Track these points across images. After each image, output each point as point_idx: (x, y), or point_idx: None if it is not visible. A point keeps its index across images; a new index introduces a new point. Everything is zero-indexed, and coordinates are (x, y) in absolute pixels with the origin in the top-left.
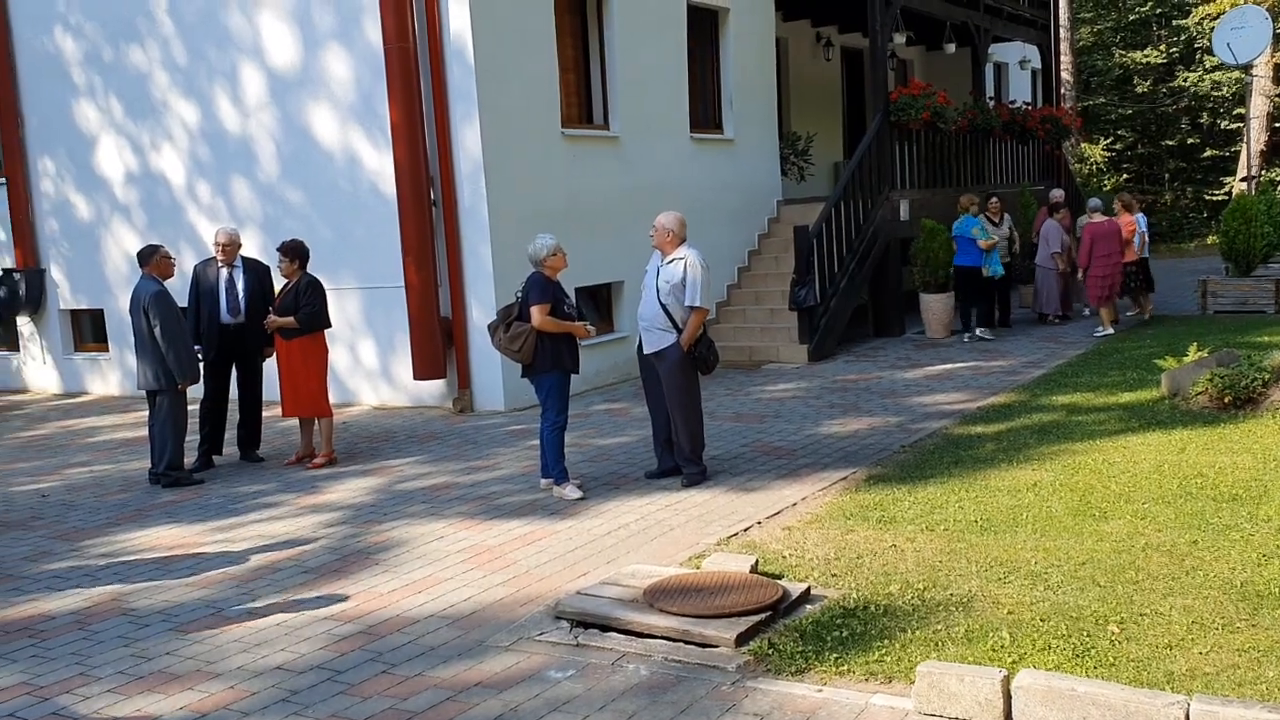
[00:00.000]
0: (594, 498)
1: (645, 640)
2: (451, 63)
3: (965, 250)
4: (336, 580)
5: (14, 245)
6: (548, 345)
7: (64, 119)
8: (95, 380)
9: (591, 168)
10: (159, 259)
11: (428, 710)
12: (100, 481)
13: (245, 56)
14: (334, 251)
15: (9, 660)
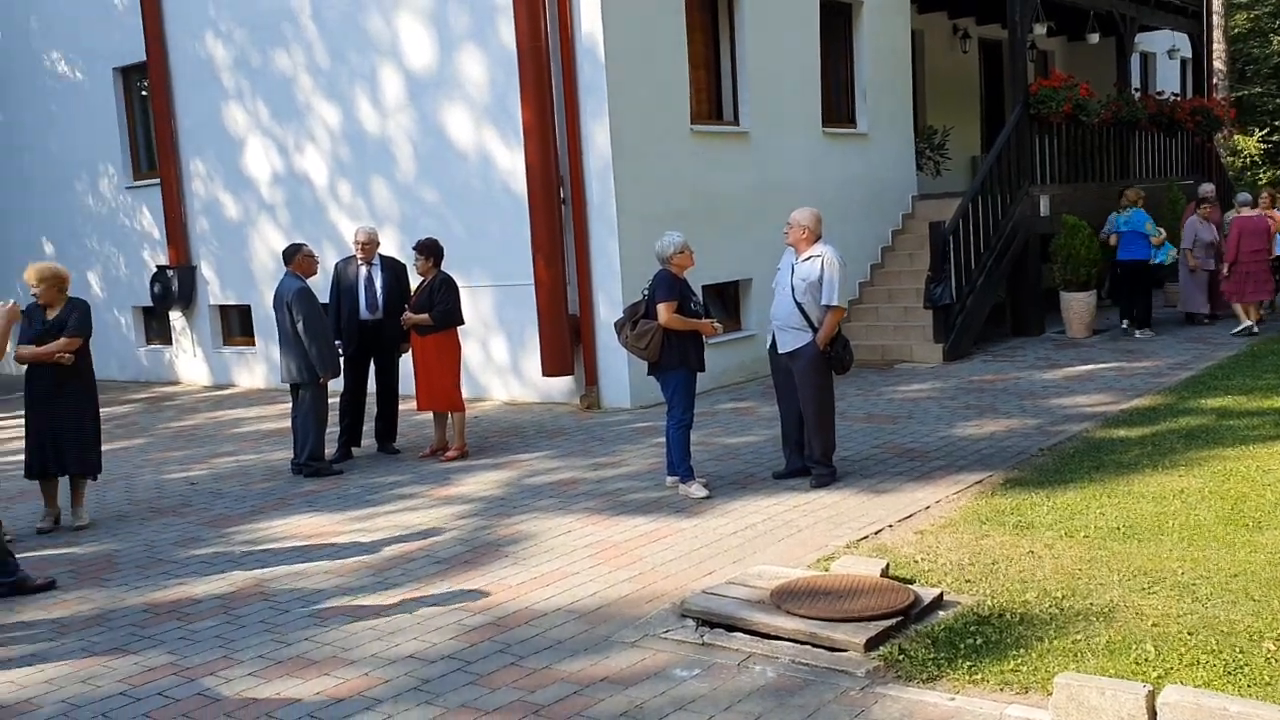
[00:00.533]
0: (720, 497)
1: (772, 642)
2: (583, 61)
3: (1133, 244)
4: (467, 571)
5: (167, 243)
6: (674, 343)
7: (214, 122)
8: (242, 373)
9: (721, 164)
10: (302, 257)
11: (555, 703)
12: (245, 471)
13: (384, 59)
14: (467, 249)
15: (157, 642)
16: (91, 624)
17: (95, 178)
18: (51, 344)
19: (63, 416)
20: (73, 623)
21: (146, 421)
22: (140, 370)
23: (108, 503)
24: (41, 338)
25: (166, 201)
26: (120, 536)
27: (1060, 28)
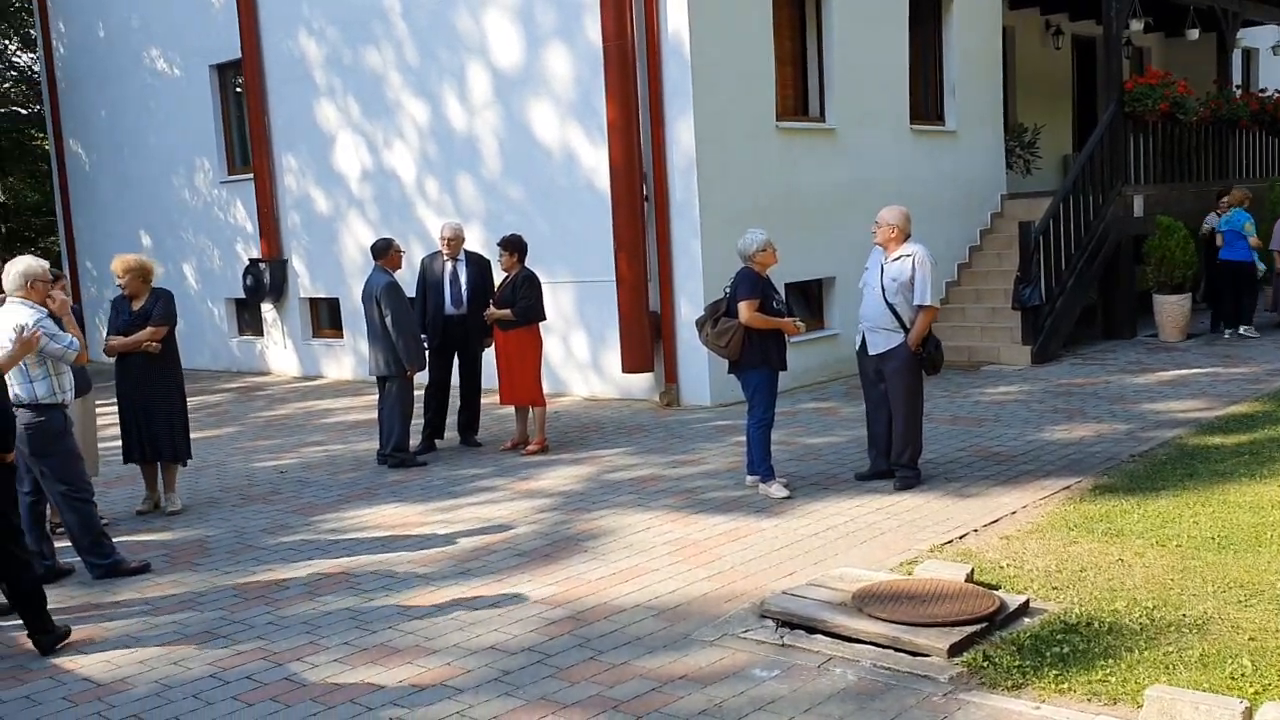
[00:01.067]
0: (801, 497)
1: (853, 645)
2: (668, 59)
3: (1234, 245)
4: (547, 565)
5: (260, 237)
6: (755, 341)
7: (306, 118)
8: (330, 364)
9: (806, 160)
10: (392, 253)
11: (633, 699)
12: (333, 460)
13: (472, 56)
14: (550, 246)
15: (246, 626)
16: (183, 607)
17: (191, 172)
18: (138, 334)
19: (152, 404)
20: (165, 605)
21: (238, 411)
22: (232, 360)
23: (200, 489)
24: (128, 328)
25: (259, 196)
26: (212, 522)
27: (1158, 23)
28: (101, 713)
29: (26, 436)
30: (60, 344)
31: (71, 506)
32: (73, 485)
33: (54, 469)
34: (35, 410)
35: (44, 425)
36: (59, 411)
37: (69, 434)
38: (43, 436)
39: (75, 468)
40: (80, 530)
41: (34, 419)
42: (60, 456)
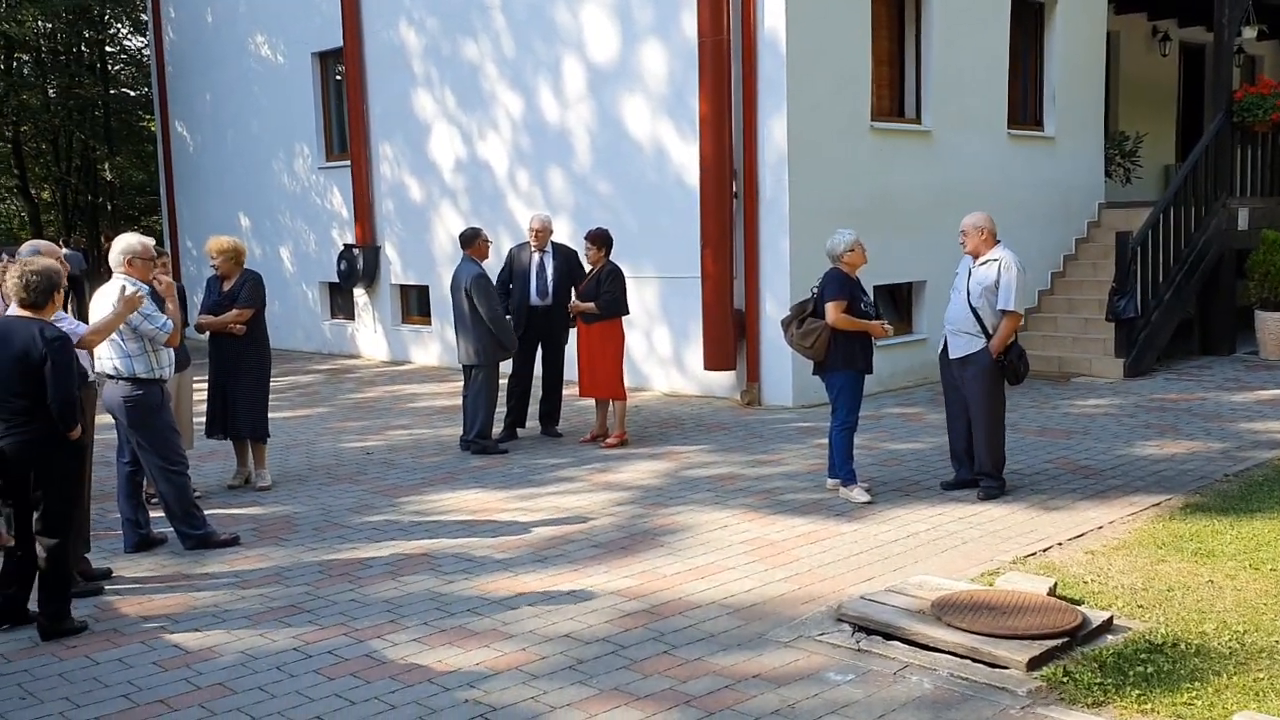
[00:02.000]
0: (882, 502)
1: (930, 653)
2: (764, 55)
3: None
4: (623, 558)
5: (355, 223)
6: (841, 343)
7: (403, 107)
8: (418, 350)
9: (899, 162)
10: (479, 242)
11: (706, 695)
12: (418, 444)
13: (568, 50)
14: (637, 240)
15: (330, 602)
16: (270, 580)
17: (291, 158)
18: (225, 315)
19: (237, 382)
20: (253, 578)
21: (328, 392)
22: (324, 342)
23: (289, 466)
24: (217, 308)
25: (356, 183)
26: (299, 499)
27: (1272, 31)
28: (189, 679)
29: (125, 409)
30: (154, 325)
31: (166, 478)
32: (168, 458)
33: (150, 442)
34: (134, 384)
35: (141, 399)
36: (156, 387)
37: (165, 408)
38: (140, 410)
39: (171, 441)
40: (174, 501)
41: (132, 393)
42: (156, 430)
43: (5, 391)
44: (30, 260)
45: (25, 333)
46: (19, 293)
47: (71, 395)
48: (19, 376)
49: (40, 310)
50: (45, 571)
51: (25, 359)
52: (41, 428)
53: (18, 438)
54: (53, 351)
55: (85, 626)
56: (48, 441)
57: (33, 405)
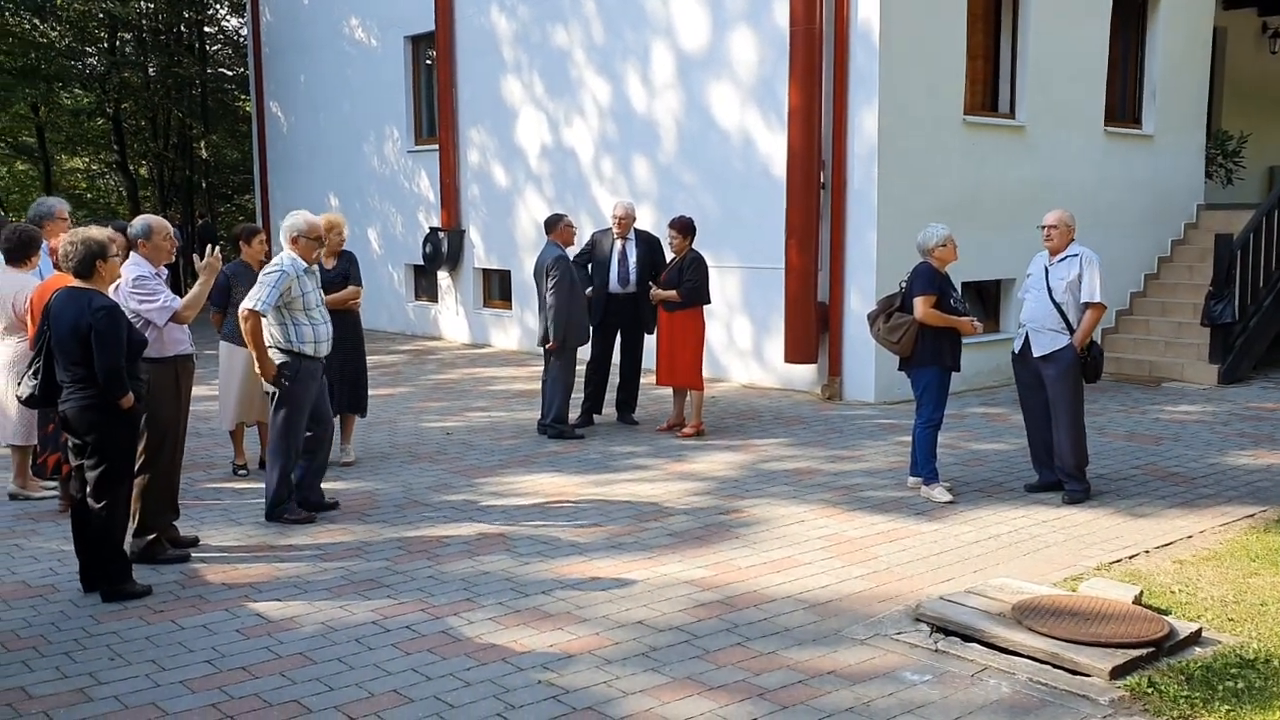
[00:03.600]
0: (963, 503)
1: (1009, 657)
2: (856, 46)
3: None
4: (698, 548)
5: (441, 206)
6: (929, 339)
7: (491, 92)
8: (498, 334)
9: (991, 157)
10: (563, 227)
11: (779, 689)
12: (496, 426)
13: (657, 37)
14: (720, 230)
15: (409, 578)
16: (351, 554)
17: (381, 141)
18: (342, 293)
19: (342, 359)
20: (334, 551)
21: (410, 372)
22: (407, 324)
23: (372, 444)
24: (326, 286)
25: (443, 167)
26: (381, 476)
27: None
28: (270, 648)
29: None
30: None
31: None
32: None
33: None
34: (283, 355)
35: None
36: (294, 359)
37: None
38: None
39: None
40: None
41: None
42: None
43: (65, 359)
44: (74, 231)
45: (77, 303)
46: (64, 263)
47: (116, 364)
48: (74, 345)
49: (88, 280)
50: (95, 536)
51: (76, 328)
52: (96, 395)
53: (76, 403)
54: (96, 321)
55: (149, 590)
56: (101, 409)
57: (88, 373)
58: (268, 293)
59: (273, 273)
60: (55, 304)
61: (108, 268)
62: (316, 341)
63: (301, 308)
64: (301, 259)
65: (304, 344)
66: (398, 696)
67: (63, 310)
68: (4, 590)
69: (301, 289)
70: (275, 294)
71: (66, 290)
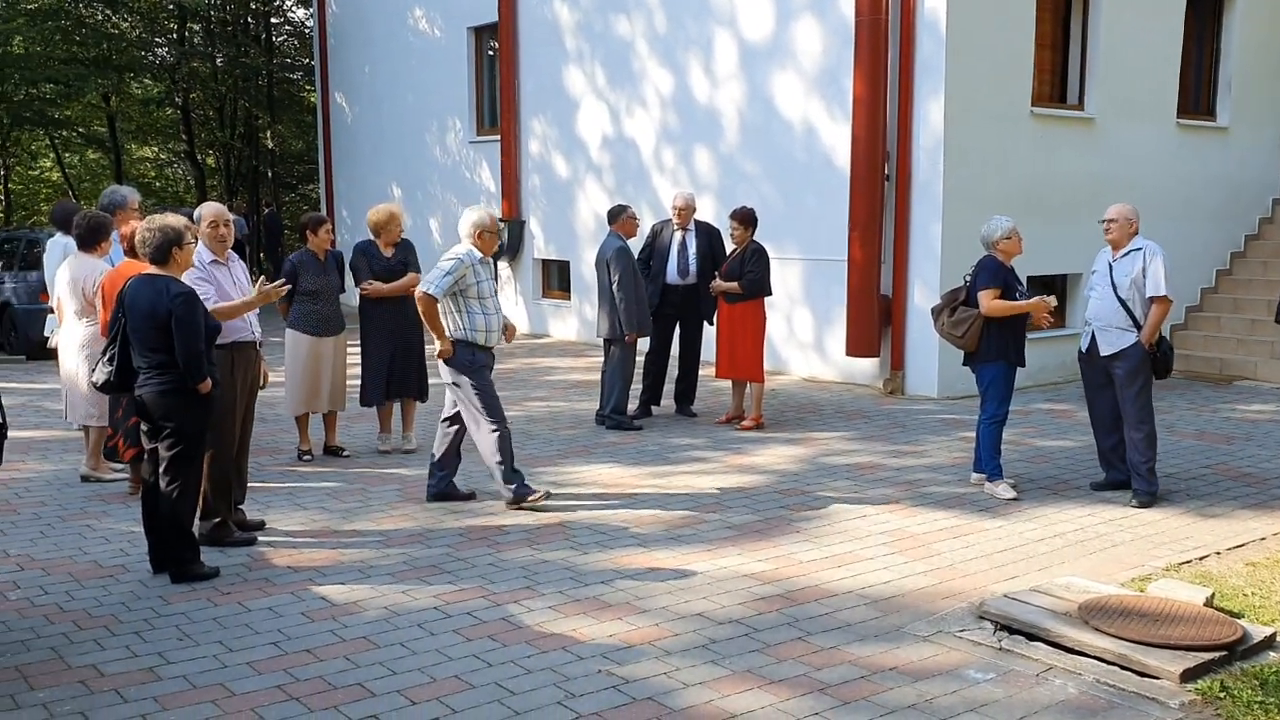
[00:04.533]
0: (1028, 500)
1: (1075, 657)
2: (922, 36)
3: None
4: (758, 541)
5: (502, 197)
6: (994, 334)
7: (554, 83)
8: (557, 324)
9: (1059, 150)
10: (625, 218)
11: (840, 685)
12: (554, 416)
13: (720, 27)
14: (782, 221)
15: (470, 565)
16: (413, 540)
17: (443, 131)
18: (402, 281)
19: (401, 347)
20: (397, 537)
21: None
22: None
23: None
24: (386, 274)
25: (504, 157)
26: None
27: None
28: (335, 631)
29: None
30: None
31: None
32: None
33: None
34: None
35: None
36: (471, 349)
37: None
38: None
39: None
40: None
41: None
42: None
43: (142, 345)
44: (151, 218)
45: (153, 290)
46: (140, 249)
47: (196, 350)
48: (150, 331)
49: (163, 266)
50: (166, 517)
51: (153, 315)
52: (172, 380)
53: (153, 388)
54: (175, 307)
55: (216, 572)
56: (178, 394)
57: (165, 359)
58: (442, 278)
59: (450, 260)
60: (130, 290)
61: (183, 254)
62: (488, 331)
63: (475, 295)
64: (479, 251)
65: (475, 332)
66: (459, 682)
67: (138, 296)
68: (76, 570)
69: (475, 278)
70: (450, 280)
71: (142, 277)
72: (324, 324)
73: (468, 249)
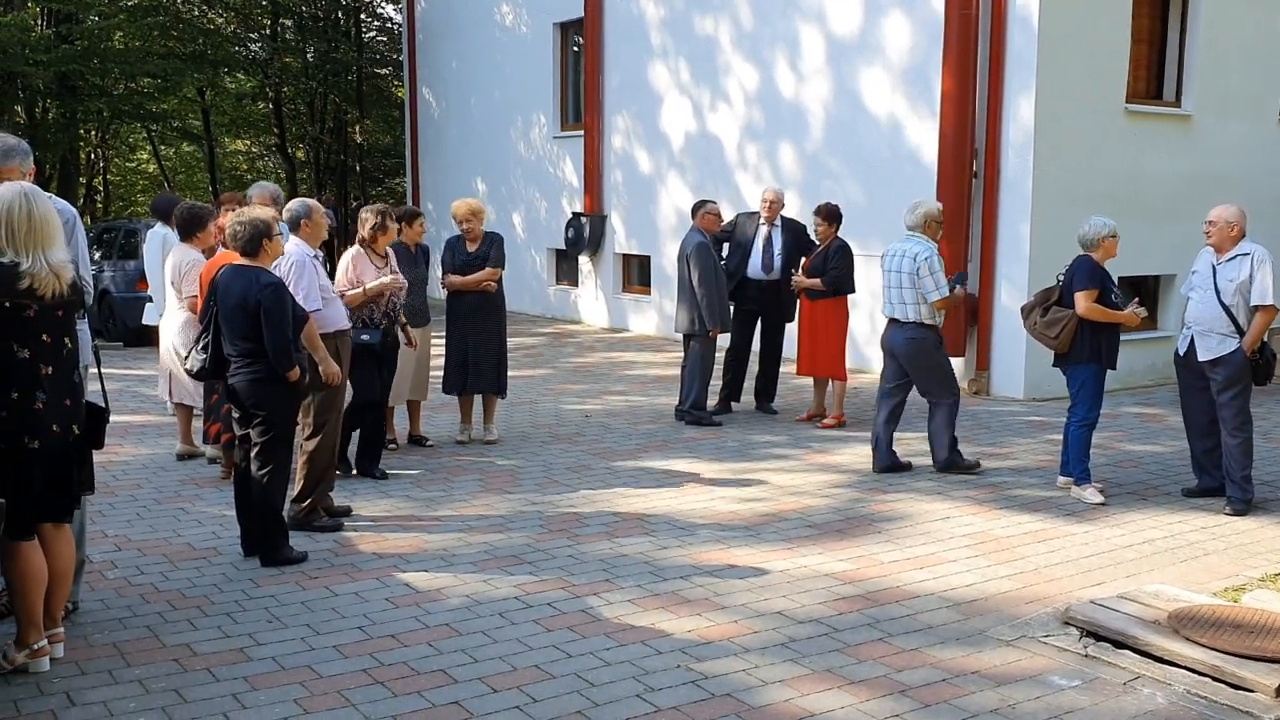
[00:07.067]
0: (1116, 505)
1: (1164, 667)
2: (1013, 30)
3: None
4: (839, 541)
5: (584, 192)
6: (1087, 335)
7: (638, 79)
8: (636, 319)
9: (1154, 147)
10: (706, 213)
11: (922, 687)
12: (633, 410)
13: (807, 22)
14: (866, 218)
15: (549, 556)
16: (494, 529)
17: (528, 126)
18: (478, 274)
19: (481, 340)
20: (479, 526)
21: (550, 354)
22: (548, 307)
23: (514, 423)
24: (466, 268)
25: (587, 153)
26: (522, 454)
27: None
28: (418, 617)
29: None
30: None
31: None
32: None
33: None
34: (917, 328)
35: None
36: (933, 332)
37: (941, 350)
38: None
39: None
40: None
41: (912, 335)
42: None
43: (233, 334)
44: (241, 211)
45: (244, 279)
46: (230, 242)
47: (284, 339)
48: (241, 321)
49: (253, 258)
50: (257, 502)
51: (244, 305)
52: (263, 369)
53: (244, 377)
54: (264, 297)
55: (304, 557)
56: (268, 382)
57: (255, 347)
58: (939, 279)
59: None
60: (221, 280)
61: (272, 246)
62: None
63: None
64: (931, 239)
65: (933, 317)
66: (539, 672)
67: (229, 286)
68: (171, 551)
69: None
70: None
71: (233, 267)
72: (411, 315)
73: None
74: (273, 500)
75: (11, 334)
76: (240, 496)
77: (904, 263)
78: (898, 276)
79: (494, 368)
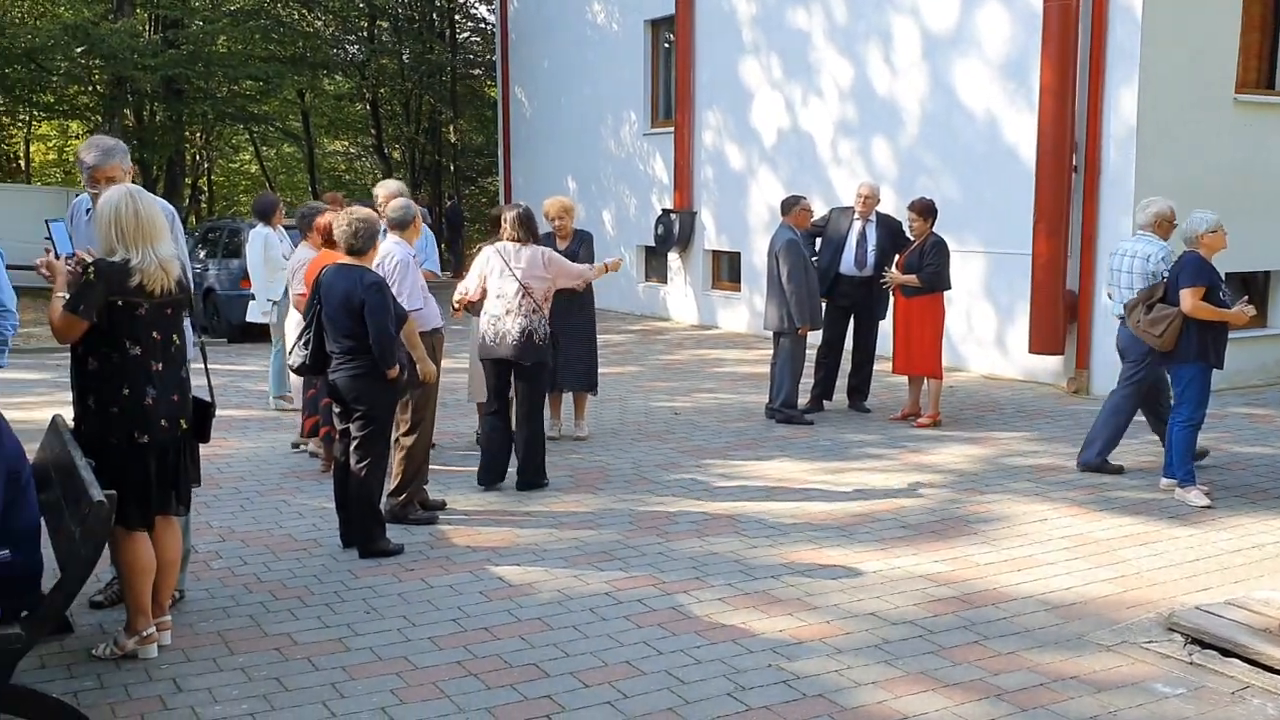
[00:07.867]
0: (1222, 508)
1: (1275, 677)
2: (1115, 21)
3: None
4: (934, 542)
5: (674, 188)
6: (1193, 333)
7: (729, 75)
8: (726, 316)
9: (1267, 139)
10: (798, 210)
11: (1018, 691)
12: (722, 408)
13: (901, 16)
14: (962, 213)
15: (639, 553)
16: (584, 525)
17: (619, 123)
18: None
19: (571, 338)
20: (569, 522)
21: (640, 352)
22: (637, 304)
23: (604, 420)
24: None
25: (678, 149)
26: (612, 451)
27: None
28: (511, 611)
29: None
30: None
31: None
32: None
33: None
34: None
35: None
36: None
37: None
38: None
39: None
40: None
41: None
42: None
43: (335, 332)
44: (354, 209)
45: (348, 279)
46: (347, 240)
47: (387, 336)
48: (344, 318)
49: (362, 256)
50: (355, 495)
51: (348, 302)
52: (364, 365)
53: (346, 373)
54: (369, 296)
55: (401, 549)
56: (368, 378)
57: (357, 345)
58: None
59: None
60: (325, 278)
61: (374, 245)
62: None
63: None
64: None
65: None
66: (630, 668)
67: (334, 284)
68: (272, 542)
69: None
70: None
71: (337, 266)
72: None
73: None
74: (370, 494)
75: (124, 331)
76: (339, 490)
77: (1134, 263)
78: (1128, 277)
79: (585, 364)
